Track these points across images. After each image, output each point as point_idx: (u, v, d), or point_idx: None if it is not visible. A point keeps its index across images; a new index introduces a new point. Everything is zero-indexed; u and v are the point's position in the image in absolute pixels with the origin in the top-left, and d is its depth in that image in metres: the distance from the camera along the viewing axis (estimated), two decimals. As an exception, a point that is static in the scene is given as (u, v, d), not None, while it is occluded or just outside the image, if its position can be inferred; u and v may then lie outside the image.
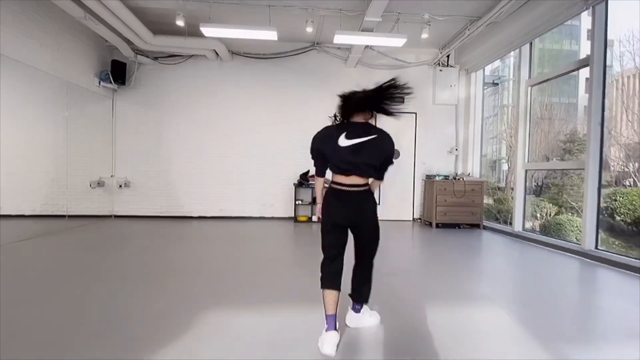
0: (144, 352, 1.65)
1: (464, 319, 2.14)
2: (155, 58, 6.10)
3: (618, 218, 5.49)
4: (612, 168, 6.93)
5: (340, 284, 1.77)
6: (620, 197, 5.40)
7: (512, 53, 5.74)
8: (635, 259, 3.34)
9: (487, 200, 6.89)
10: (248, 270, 3.11)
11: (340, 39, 4.83)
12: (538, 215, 6.94)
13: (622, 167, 6.20)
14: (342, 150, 1.70)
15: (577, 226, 5.61)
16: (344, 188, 1.75)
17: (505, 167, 8.34)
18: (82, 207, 5.95)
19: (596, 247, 3.83)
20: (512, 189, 8.01)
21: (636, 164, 5.86)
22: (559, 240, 4.40)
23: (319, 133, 1.85)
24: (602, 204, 6.81)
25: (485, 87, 6.76)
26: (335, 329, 1.69)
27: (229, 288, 2.59)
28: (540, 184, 7.37)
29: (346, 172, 1.73)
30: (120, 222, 5.59)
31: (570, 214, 6.94)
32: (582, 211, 7.16)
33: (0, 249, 3.68)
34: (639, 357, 0.54)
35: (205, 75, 6.23)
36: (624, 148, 6.05)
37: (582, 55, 4.20)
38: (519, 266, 3.57)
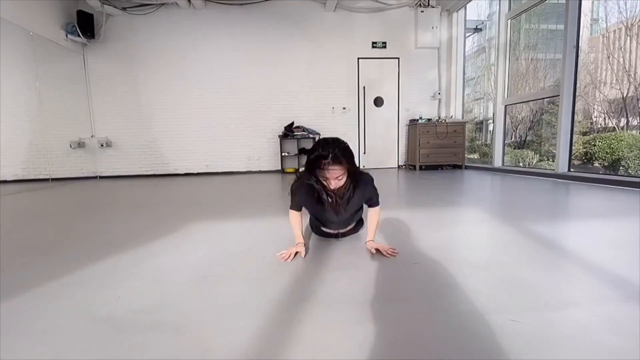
0: (136, 244, 1.72)
1: (443, 217, 2.27)
2: (124, 8, 5.78)
3: (596, 163, 5.70)
4: (594, 118, 7.12)
5: None
6: (599, 141, 5.53)
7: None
8: (602, 174, 3.53)
9: (474, 156, 7.04)
10: (230, 201, 3.17)
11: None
12: (521, 164, 7.19)
13: (604, 119, 6.33)
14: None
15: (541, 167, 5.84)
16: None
17: (491, 126, 8.38)
18: (65, 169, 5.87)
19: (569, 170, 4.00)
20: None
21: (615, 120, 6.00)
22: (536, 169, 4.56)
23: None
24: (581, 150, 7.06)
25: (468, 34, 6.66)
26: None
27: (214, 209, 2.66)
28: (524, 138, 7.54)
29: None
30: (106, 182, 5.55)
31: (551, 160, 7.19)
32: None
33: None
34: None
35: (178, 25, 5.97)
36: (606, 102, 6.16)
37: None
38: (495, 188, 3.73)
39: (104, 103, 6.00)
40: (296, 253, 1.45)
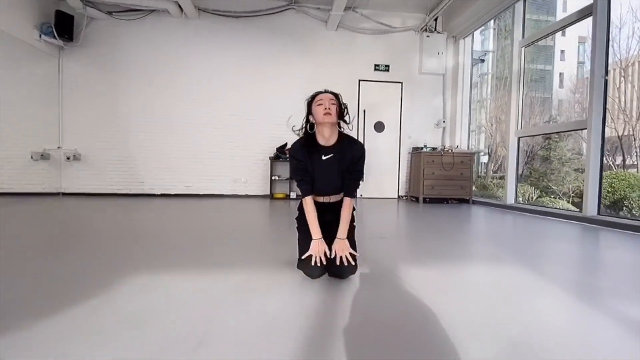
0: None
1: (480, 275, 1.67)
2: (110, 12, 5.32)
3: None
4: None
5: None
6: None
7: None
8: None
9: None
10: (204, 238, 2.53)
11: (319, -14, 4.28)
12: (520, 199, 6.81)
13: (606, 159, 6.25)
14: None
15: (559, 207, 5.45)
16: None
17: (485, 159, 8.11)
18: (23, 183, 5.15)
19: (598, 213, 3.50)
20: (493, 178, 7.86)
21: (611, 158, 5.93)
22: (559, 209, 4.07)
23: None
24: (582, 188, 6.73)
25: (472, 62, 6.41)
26: None
27: (175, 252, 2.01)
28: (520, 171, 7.24)
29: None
30: (68, 200, 4.83)
31: (551, 197, 6.81)
32: (562, 194, 7.01)
33: None
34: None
35: (168, 34, 5.52)
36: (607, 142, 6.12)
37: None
38: (521, 231, 3.17)
39: (76, 111, 5.39)
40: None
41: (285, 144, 5.62)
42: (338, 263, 1.44)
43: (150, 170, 5.55)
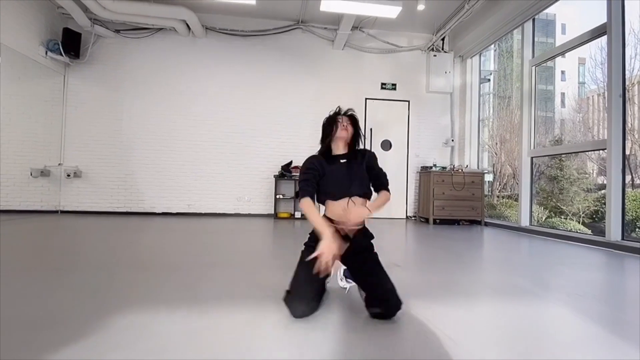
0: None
1: (512, 314, 1.48)
2: (117, 31, 5.35)
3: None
4: (594, 176, 6.86)
5: None
6: None
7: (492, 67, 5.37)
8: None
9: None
10: (204, 264, 2.35)
11: (327, 5, 4.27)
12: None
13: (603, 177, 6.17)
14: None
15: (570, 229, 5.33)
16: None
17: (489, 177, 8.00)
18: (21, 200, 5.00)
19: (622, 238, 3.30)
20: (500, 197, 7.71)
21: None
22: (578, 233, 3.87)
23: None
24: (592, 208, 6.54)
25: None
26: None
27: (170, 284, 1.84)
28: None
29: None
30: (66, 219, 4.68)
31: (561, 217, 6.62)
32: (572, 214, 6.83)
33: None
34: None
35: (174, 52, 5.52)
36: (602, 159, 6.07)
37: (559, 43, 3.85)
38: (542, 258, 2.97)
39: (79, 128, 5.32)
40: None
41: (290, 162, 5.50)
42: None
43: (151, 189, 5.41)
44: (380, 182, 1.59)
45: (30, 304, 1.42)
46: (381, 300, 1.31)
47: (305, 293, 1.32)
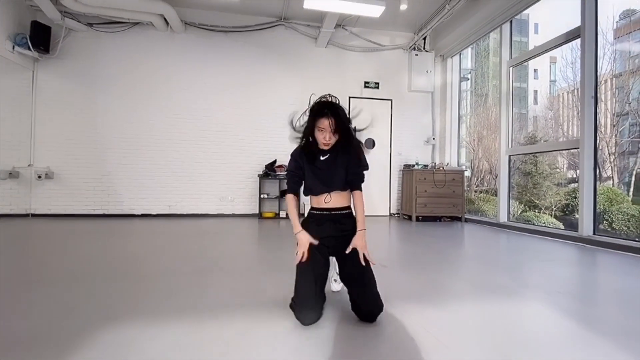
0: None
1: (499, 315, 1.52)
2: (90, 24, 5.10)
3: (577, 215, 5.47)
4: (564, 170, 7.21)
5: None
6: (579, 194, 5.41)
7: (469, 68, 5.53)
8: (636, 240, 3.00)
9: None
10: (188, 271, 2.30)
11: (310, 3, 4.23)
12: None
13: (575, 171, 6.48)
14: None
15: (544, 222, 5.53)
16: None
17: (467, 173, 8.23)
18: (-13, 204, 4.72)
19: (594, 233, 3.47)
20: (475, 191, 7.96)
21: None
22: (554, 228, 4.04)
23: None
24: (563, 202, 6.86)
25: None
26: None
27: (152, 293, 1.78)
28: (493, 185, 7.35)
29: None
30: (37, 222, 4.45)
31: (534, 211, 6.91)
32: (544, 208, 7.14)
33: None
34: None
35: (152, 47, 5.32)
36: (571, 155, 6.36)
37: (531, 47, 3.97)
38: (521, 255, 3.08)
39: (50, 127, 5.05)
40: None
41: (275, 161, 5.44)
42: (363, 263, 1.44)
43: (130, 189, 5.22)
44: (352, 178, 1.55)
45: (1, 323, 1.34)
46: (366, 312, 1.38)
47: (312, 301, 1.36)
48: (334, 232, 1.51)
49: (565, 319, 1.48)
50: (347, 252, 1.44)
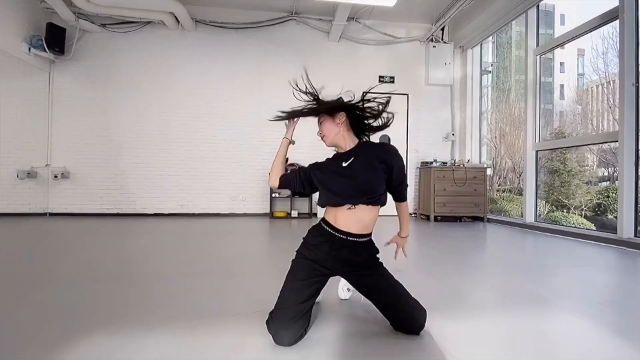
0: None
1: (537, 331, 1.30)
2: (103, 25, 5.13)
3: (611, 215, 5.06)
4: (594, 169, 6.70)
5: None
6: (612, 193, 4.98)
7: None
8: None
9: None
10: (193, 273, 2.18)
11: (321, -6, 4.06)
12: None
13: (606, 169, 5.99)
14: None
15: (573, 223, 5.19)
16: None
17: (489, 172, 7.85)
18: (8, 203, 4.83)
19: (636, 235, 3.12)
20: (501, 191, 7.56)
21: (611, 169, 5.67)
22: (588, 230, 3.70)
23: None
24: (595, 201, 6.38)
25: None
26: None
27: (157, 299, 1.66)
28: (517, 184, 6.94)
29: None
30: (54, 222, 4.50)
31: (562, 211, 6.47)
32: (574, 208, 6.68)
33: None
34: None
35: (163, 46, 5.30)
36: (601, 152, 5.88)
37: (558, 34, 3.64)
38: (555, 259, 2.80)
39: (66, 127, 5.12)
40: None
41: (286, 160, 5.30)
42: (395, 258, 1.51)
43: (142, 189, 5.22)
44: (396, 191, 1.45)
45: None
46: (409, 325, 1.23)
47: (291, 322, 1.13)
48: (350, 256, 1.30)
49: (615, 337, 1.24)
50: (385, 244, 1.46)
